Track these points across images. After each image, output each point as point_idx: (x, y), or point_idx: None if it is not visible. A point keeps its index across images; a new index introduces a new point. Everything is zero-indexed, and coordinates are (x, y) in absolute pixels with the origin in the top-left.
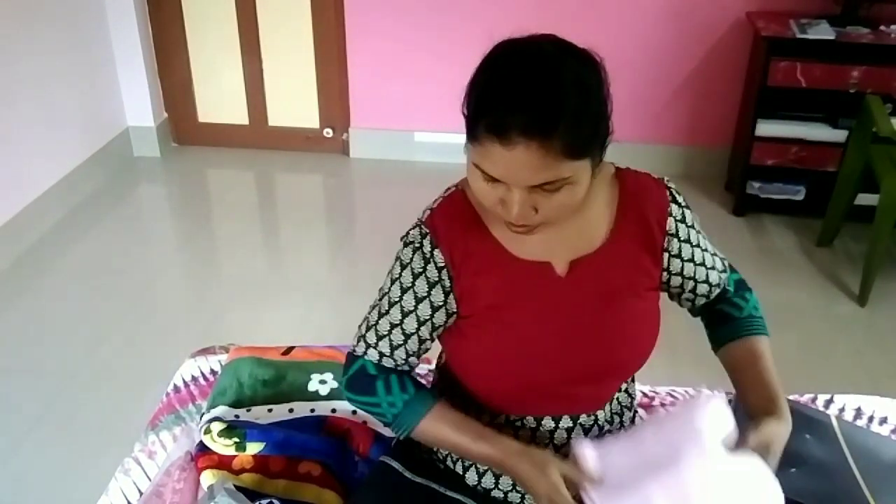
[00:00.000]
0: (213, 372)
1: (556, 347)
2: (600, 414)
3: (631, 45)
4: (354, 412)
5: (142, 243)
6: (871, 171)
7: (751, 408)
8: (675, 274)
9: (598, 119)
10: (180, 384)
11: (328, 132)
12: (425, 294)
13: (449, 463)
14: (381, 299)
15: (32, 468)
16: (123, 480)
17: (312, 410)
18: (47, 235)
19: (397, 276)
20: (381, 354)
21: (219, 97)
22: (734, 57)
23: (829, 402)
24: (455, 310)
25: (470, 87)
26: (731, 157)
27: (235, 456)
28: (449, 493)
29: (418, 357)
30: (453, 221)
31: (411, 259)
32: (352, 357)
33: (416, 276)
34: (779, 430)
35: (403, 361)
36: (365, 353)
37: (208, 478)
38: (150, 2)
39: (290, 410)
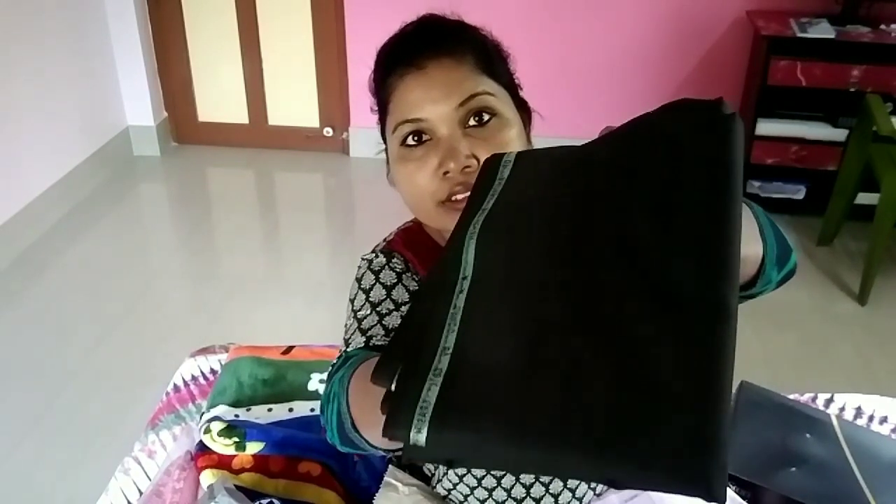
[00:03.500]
0: (213, 371)
1: None
2: None
3: (631, 44)
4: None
5: (142, 243)
6: (872, 171)
7: None
8: None
9: (499, 48)
10: (180, 384)
11: (328, 131)
12: (406, 300)
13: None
14: (345, 335)
15: (32, 468)
16: (123, 480)
17: (312, 410)
18: (47, 235)
19: (362, 302)
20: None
21: (219, 96)
22: (734, 56)
23: (829, 402)
24: None
25: (372, 83)
26: None
27: (235, 455)
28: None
29: None
30: (412, 246)
31: (377, 278)
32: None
33: (390, 288)
34: None
35: None
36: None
37: (208, 477)
38: (150, 1)
39: (291, 410)
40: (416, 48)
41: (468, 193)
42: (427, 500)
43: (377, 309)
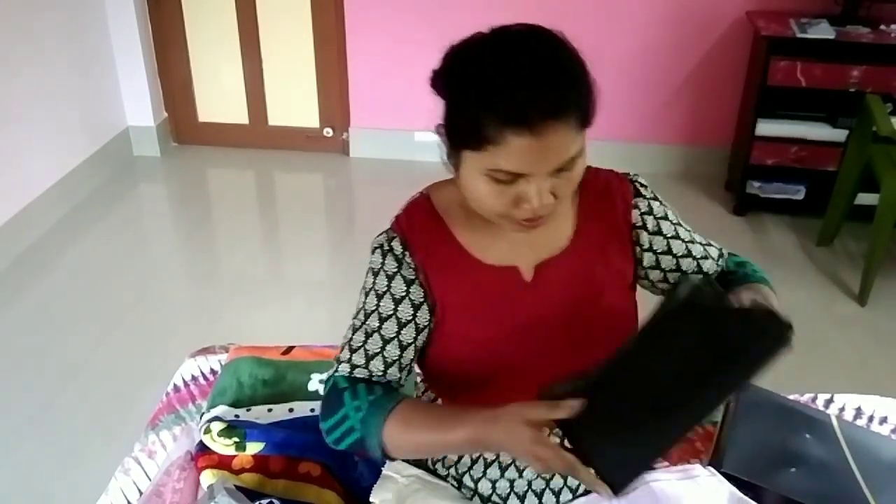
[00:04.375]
0: (213, 372)
1: (525, 354)
2: None
3: (631, 45)
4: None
5: (142, 243)
6: (871, 171)
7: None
8: (651, 268)
9: (590, 81)
10: (180, 384)
11: (328, 132)
12: (404, 293)
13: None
14: (356, 315)
15: (32, 468)
16: (123, 480)
17: (312, 410)
18: (47, 235)
19: (371, 285)
20: (354, 366)
21: (219, 97)
22: (734, 56)
23: (829, 402)
24: (434, 307)
25: (459, 92)
26: (731, 157)
27: (235, 456)
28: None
29: (401, 367)
30: (418, 224)
31: (382, 263)
32: (328, 376)
33: (391, 278)
34: (760, 288)
35: (381, 373)
36: (336, 370)
37: (208, 478)
38: (150, 1)
39: (291, 410)
40: (529, 109)
41: (531, 216)
42: (425, 489)
43: (378, 311)
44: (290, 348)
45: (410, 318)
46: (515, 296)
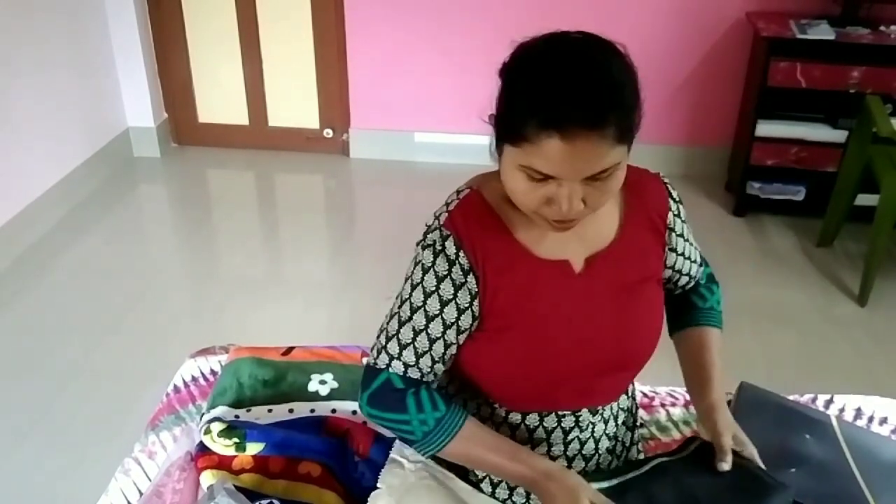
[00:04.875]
0: (213, 372)
1: (576, 343)
2: (614, 406)
3: (631, 45)
4: (354, 412)
5: (142, 243)
6: (871, 172)
7: (691, 391)
8: (668, 267)
9: (639, 101)
10: (180, 384)
11: (328, 132)
12: (451, 297)
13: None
14: (400, 306)
15: (32, 468)
16: (123, 480)
17: (312, 411)
18: (47, 235)
19: (419, 280)
20: (406, 365)
21: (219, 97)
22: (734, 57)
23: (829, 402)
24: (479, 312)
25: (509, 87)
26: (731, 158)
27: (235, 456)
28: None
29: (444, 364)
30: (473, 222)
31: (433, 262)
32: (373, 371)
33: (440, 279)
34: (727, 418)
35: (429, 370)
36: (389, 365)
37: (208, 478)
38: (150, 2)
39: (290, 411)
40: (566, 116)
41: (560, 218)
42: (432, 478)
43: (424, 309)
44: (290, 349)
45: (454, 320)
46: (566, 287)
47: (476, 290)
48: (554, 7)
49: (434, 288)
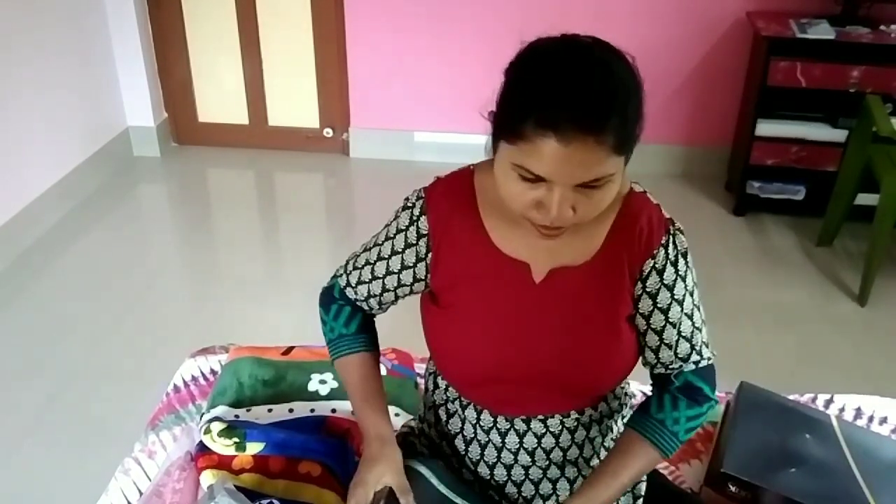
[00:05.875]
0: (213, 372)
1: (515, 347)
2: (566, 421)
3: (631, 45)
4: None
5: (142, 243)
6: (871, 171)
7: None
8: (639, 314)
9: (640, 115)
10: (180, 384)
11: (328, 132)
12: (400, 250)
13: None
14: (373, 237)
15: (32, 468)
16: (123, 480)
17: (312, 410)
18: (47, 235)
19: (389, 222)
20: (348, 284)
21: (219, 97)
22: (734, 57)
23: (829, 402)
24: (423, 277)
25: (511, 84)
26: (731, 157)
27: (235, 456)
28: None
29: (379, 305)
30: (449, 197)
31: (399, 214)
32: (333, 275)
33: (398, 231)
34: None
35: (363, 299)
36: (338, 276)
37: (208, 478)
38: (150, 2)
39: (290, 410)
40: (564, 117)
41: (548, 223)
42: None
43: (379, 249)
44: (289, 349)
45: (396, 271)
46: (521, 292)
47: (423, 254)
48: (554, 7)
49: (393, 235)
